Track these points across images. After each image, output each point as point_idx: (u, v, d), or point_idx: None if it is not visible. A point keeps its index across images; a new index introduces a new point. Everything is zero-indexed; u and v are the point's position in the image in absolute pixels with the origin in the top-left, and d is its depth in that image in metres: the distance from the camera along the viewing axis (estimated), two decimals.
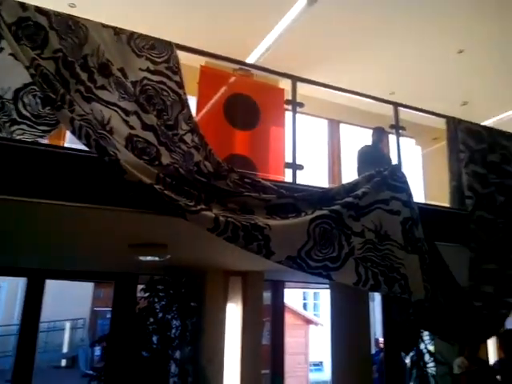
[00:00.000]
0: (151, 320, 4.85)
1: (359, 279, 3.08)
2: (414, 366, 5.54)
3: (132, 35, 3.24)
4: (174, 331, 4.89)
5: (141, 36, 3.28)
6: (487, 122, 5.57)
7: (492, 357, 7.11)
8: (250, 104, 4.58)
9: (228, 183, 3.03)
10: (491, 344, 7.10)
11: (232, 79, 4.66)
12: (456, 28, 5.80)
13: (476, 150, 4.70)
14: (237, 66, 4.43)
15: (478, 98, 7.23)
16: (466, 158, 4.60)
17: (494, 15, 5.51)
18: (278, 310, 6.22)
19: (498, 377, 5.11)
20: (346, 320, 3.59)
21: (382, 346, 5.70)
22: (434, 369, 5.91)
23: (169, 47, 3.36)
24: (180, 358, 5.07)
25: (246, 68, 4.60)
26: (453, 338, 3.82)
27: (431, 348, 5.99)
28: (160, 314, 4.87)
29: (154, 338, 4.83)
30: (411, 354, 5.64)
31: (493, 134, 4.94)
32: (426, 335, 5.73)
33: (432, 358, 5.86)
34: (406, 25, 5.76)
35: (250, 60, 6.03)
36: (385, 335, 5.40)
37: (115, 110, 2.89)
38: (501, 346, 5.29)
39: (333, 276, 3.00)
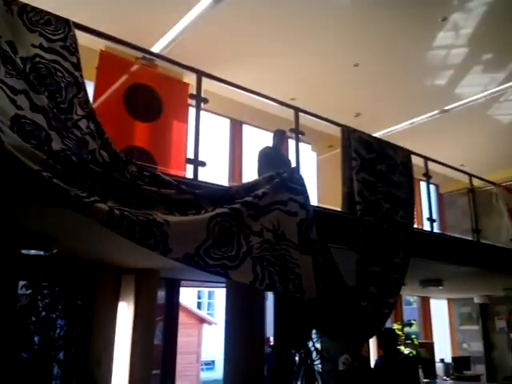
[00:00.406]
0: (33, 319, 4.49)
1: (256, 278, 3.10)
2: (302, 364, 5.73)
3: (25, 7, 2.93)
4: (58, 331, 4.58)
5: (35, 9, 2.98)
6: (377, 134, 5.98)
7: (372, 354, 7.65)
8: (152, 96, 4.42)
9: (125, 175, 2.87)
10: (371, 342, 7.64)
11: (134, 68, 4.47)
12: (353, 42, 6.14)
13: (366, 158, 5.00)
14: (140, 55, 4.24)
15: (370, 110, 7.74)
16: (357, 165, 4.87)
17: (388, 33, 5.92)
18: (172, 309, 6.09)
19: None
20: (241, 319, 3.60)
21: (272, 344, 5.82)
22: (320, 366, 6.19)
23: (66, 25, 3.10)
24: (64, 359, 4.75)
25: (150, 58, 4.43)
26: (341, 336, 4.01)
27: (318, 346, 6.26)
28: (43, 313, 4.53)
29: (36, 339, 4.49)
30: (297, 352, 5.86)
31: (381, 145, 5.30)
32: (313, 333, 5.98)
33: (318, 356, 6.13)
34: (308, 35, 5.96)
35: (154, 50, 5.84)
36: (275, 333, 5.50)
37: (0, 87, 2.59)
38: (380, 344, 5.67)
39: (230, 275, 2.98)
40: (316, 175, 8.62)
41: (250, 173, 6.40)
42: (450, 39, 6.03)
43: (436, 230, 6.76)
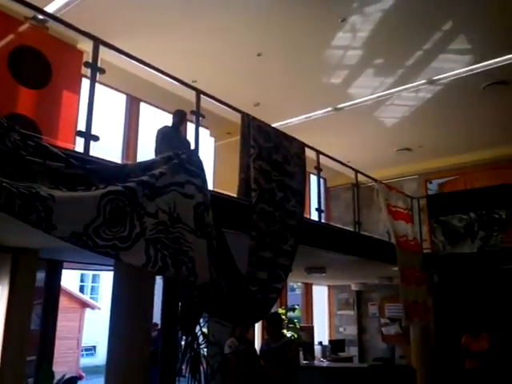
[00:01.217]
0: None
1: (148, 261, 2.99)
2: (188, 348, 5.73)
3: None
4: None
5: None
6: (274, 125, 6.11)
7: (257, 337, 7.89)
8: (41, 60, 4.06)
9: (6, 143, 2.58)
10: (256, 325, 7.87)
11: (23, 28, 4.07)
12: (258, 31, 6.17)
13: (264, 147, 5.09)
14: (30, 14, 3.85)
15: (270, 101, 7.88)
16: (255, 153, 4.94)
17: (291, 27, 6.05)
18: (53, 292, 5.68)
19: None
20: (130, 303, 3.47)
21: (158, 328, 5.73)
22: (205, 350, 6.23)
23: None
24: None
25: (42, 19, 4.04)
26: (230, 319, 4.06)
27: (205, 330, 6.30)
28: None
29: None
30: (185, 336, 5.84)
31: (278, 135, 5.44)
32: (201, 318, 6.00)
33: (205, 340, 6.17)
34: (214, 19, 5.85)
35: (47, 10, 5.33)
36: (163, 317, 5.42)
37: None
38: (266, 328, 5.86)
39: (121, 256, 2.84)
40: (213, 161, 8.62)
41: (146, 153, 6.18)
42: (347, 40, 6.33)
43: (323, 220, 7.15)
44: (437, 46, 6.26)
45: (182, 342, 5.79)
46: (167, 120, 5.56)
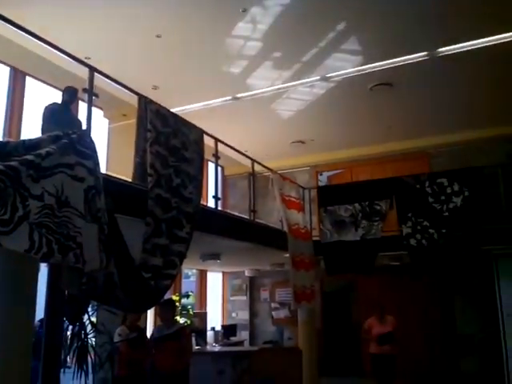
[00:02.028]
0: None
1: (32, 246, 2.79)
2: (75, 337, 5.48)
3: None
4: None
5: None
6: (173, 110, 6.01)
7: (149, 324, 7.76)
8: None
9: None
10: (149, 312, 7.75)
11: None
12: (158, 12, 6.00)
13: (161, 132, 4.99)
14: None
15: (169, 85, 7.74)
16: (152, 137, 4.82)
17: (192, 12, 5.98)
18: None
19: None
20: (10, 291, 3.22)
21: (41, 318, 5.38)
22: (93, 339, 5.99)
23: None
24: None
25: None
26: (120, 307, 3.95)
27: (93, 319, 6.06)
28: None
29: None
30: (71, 326, 5.57)
31: (177, 121, 5.36)
32: (89, 306, 5.76)
33: (93, 329, 5.93)
34: None
35: None
36: (47, 306, 5.11)
37: None
38: (159, 314, 5.80)
39: (2, 241, 2.62)
40: (107, 143, 8.25)
41: (31, 131, 5.72)
42: (247, 31, 6.42)
43: (219, 208, 7.23)
44: (331, 44, 6.61)
45: (69, 332, 5.51)
46: (57, 97, 5.20)
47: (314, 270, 8.21)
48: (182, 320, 8.67)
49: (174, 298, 8.74)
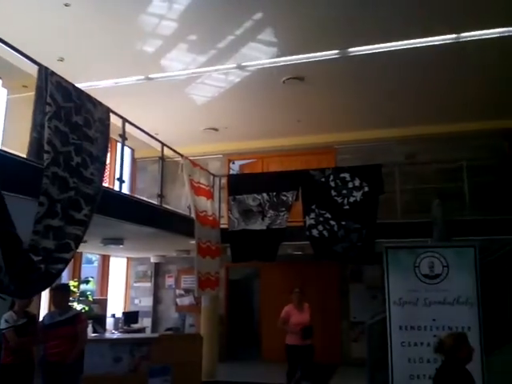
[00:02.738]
0: None
1: None
2: None
3: None
4: None
5: None
6: (80, 85, 5.65)
7: (43, 310, 7.36)
8: None
9: None
10: (43, 297, 7.34)
11: None
12: None
13: (63, 106, 4.70)
14: None
15: (76, 58, 7.26)
16: (51, 112, 4.52)
17: None
18: None
19: None
20: None
21: None
22: None
23: None
24: None
25: None
26: (7, 292, 3.66)
27: None
28: None
29: None
30: None
31: (81, 96, 5.07)
32: None
33: None
34: None
35: None
36: None
37: None
38: (52, 300, 5.51)
39: None
40: (4, 115, 7.59)
41: None
42: (163, 9, 6.20)
43: (126, 191, 6.99)
44: (247, 33, 6.60)
45: None
46: None
47: (219, 257, 8.27)
48: (79, 307, 8.31)
49: (72, 283, 8.35)
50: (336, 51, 7.08)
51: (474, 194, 7.90)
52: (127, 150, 10.96)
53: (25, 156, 4.45)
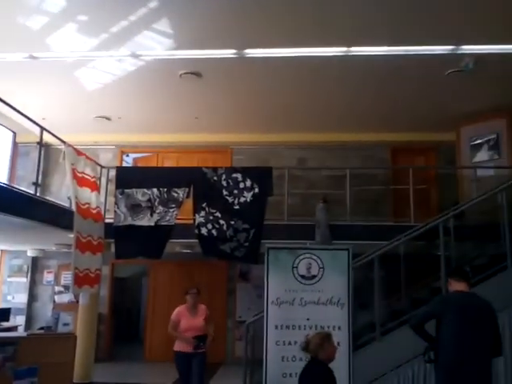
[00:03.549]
0: None
1: None
2: None
3: None
4: None
5: None
6: None
7: None
8: None
9: None
10: None
11: None
12: None
13: None
14: None
15: None
16: None
17: None
18: None
19: None
20: None
21: None
22: None
23: None
24: None
25: None
26: None
27: None
28: None
29: None
30: None
31: None
32: None
33: None
34: None
35: None
36: None
37: None
38: None
39: None
40: None
41: None
42: None
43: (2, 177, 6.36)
44: (142, 20, 6.31)
45: None
46: None
47: (101, 253, 7.85)
48: None
49: None
50: (233, 51, 7.07)
51: (357, 201, 8.37)
52: (7, 133, 10.06)
53: None
